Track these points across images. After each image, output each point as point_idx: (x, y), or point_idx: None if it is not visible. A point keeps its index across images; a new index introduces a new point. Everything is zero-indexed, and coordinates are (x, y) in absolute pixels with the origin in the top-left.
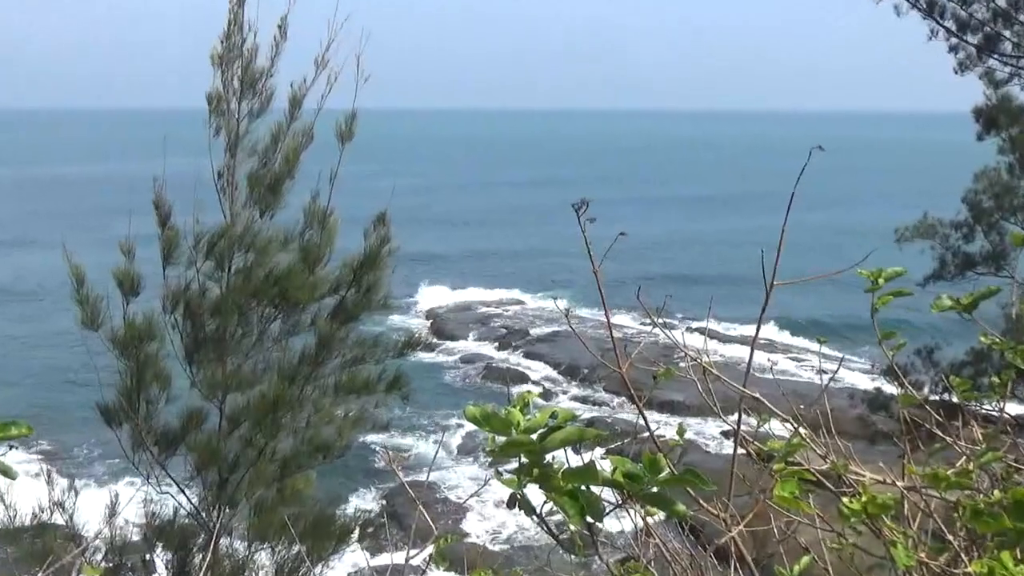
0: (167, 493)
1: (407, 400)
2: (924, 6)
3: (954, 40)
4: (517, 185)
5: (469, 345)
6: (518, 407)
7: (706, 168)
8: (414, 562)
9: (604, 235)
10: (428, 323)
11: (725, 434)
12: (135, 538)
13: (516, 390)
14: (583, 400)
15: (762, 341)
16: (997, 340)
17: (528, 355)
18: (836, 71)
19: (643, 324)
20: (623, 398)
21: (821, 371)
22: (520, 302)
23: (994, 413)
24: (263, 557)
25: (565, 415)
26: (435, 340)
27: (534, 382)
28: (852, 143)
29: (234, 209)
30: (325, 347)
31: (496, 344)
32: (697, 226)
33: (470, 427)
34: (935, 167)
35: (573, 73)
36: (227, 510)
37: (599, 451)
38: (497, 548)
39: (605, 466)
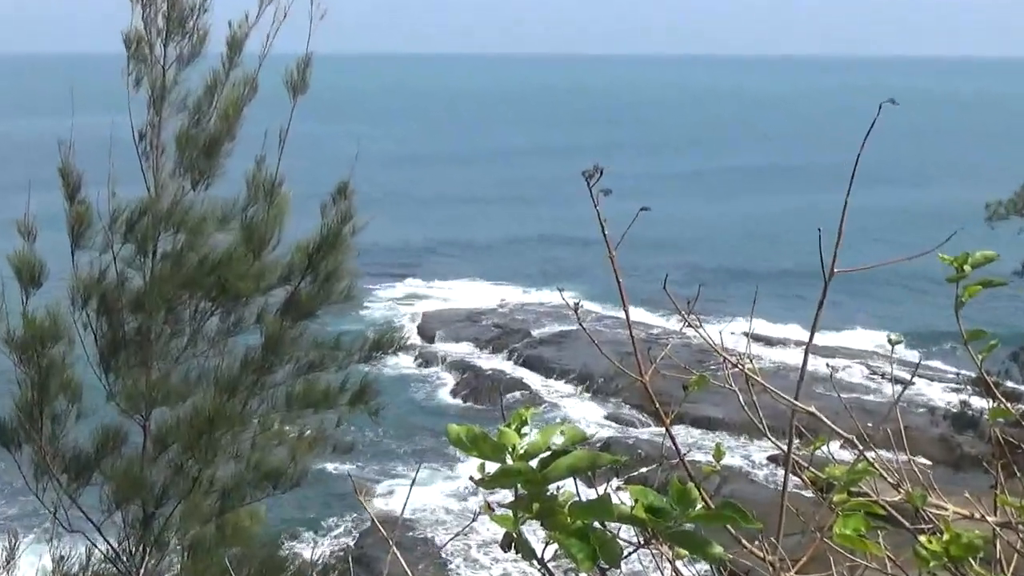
0: (79, 532)
1: (377, 416)
2: None
3: None
4: (512, 152)
5: (456, 348)
6: (514, 426)
7: (748, 131)
8: None
9: (622, 212)
10: (405, 321)
11: (774, 459)
12: None
13: (512, 404)
14: (596, 415)
15: (819, 344)
16: None
17: (528, 361)
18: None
19: (670, 321)
20: (646, 414)
21: (893, 381)
22: (518, 297)
23: None
24: None
25: (573, 435)
26: (413, 342)
27: (535, 394)
28: (930, 96)
29: (160, 179)
30: (274, 350)
31: (489, 347)
32: (737, 205)
33: (456, 452)
34: None
35: (574, 10)
36: (154, 553)
37: (616, 481)
38: None
39: (623, 499)
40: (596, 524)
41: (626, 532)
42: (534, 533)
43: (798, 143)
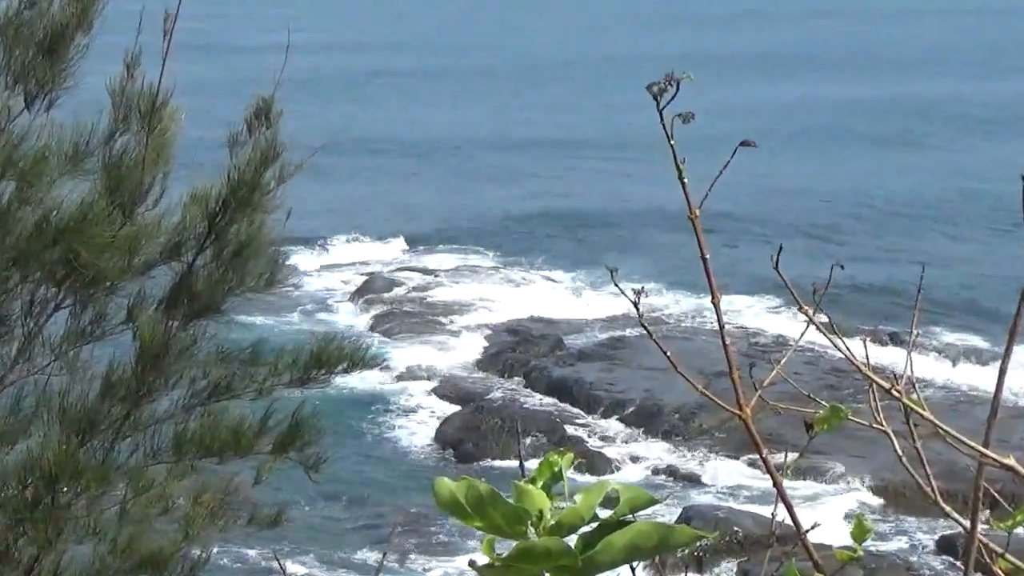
0: None
1: (318, 471)
2: None
3: None
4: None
5: (447, 364)
6: (541, 481)
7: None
8: None
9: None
10: (365, 319)
11: (949, 541)
12: None
13: (535, 450)
14: (668, 472)
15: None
16: None
17: (559, 386)
18: None
19: (783, 320)
20: (748, 465)
21: None
22: (543, 282)
23: None
24: None
25: (634, 499)
26: (379, 351)
27: (570, 438)
28: None
29: None
30: (155, 366)
31: (498, 364)
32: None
33: (449, 523)
34: None
35: None
36: None
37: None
38: None
39: None
40: None
41: None
42: None
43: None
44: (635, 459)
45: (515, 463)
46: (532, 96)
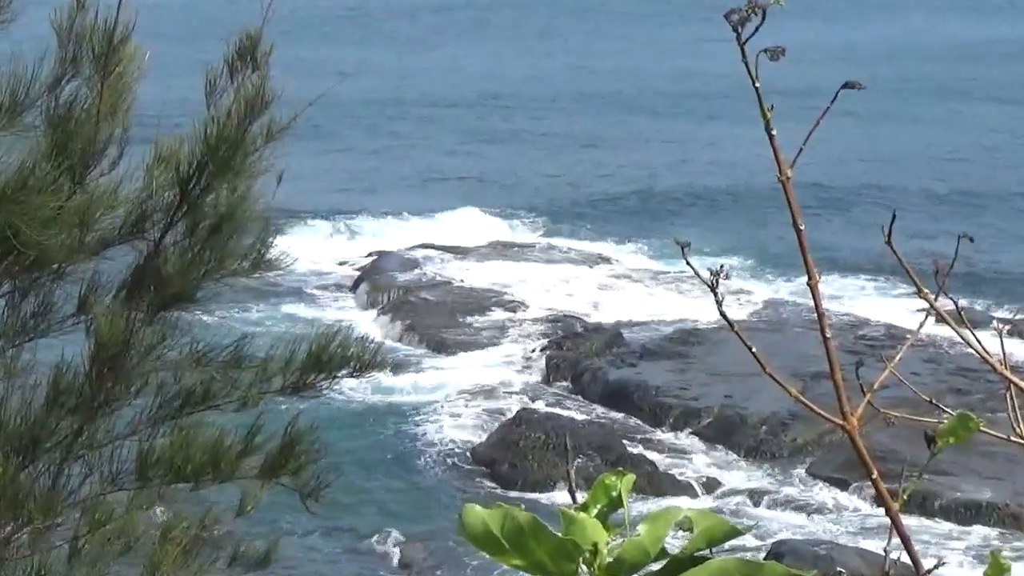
0: None
1: (317, 500)
2: None
3: None
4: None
5: (478, 364)
6: (595, 508)
7: None
8: None
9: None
10: (375, 311)
11: None
12: None
13: (586, 473)
14: (754, 497)
15: None
16: None
17: (616, 390)
18: None
19: (898, 307)
20: (854, 492)
21: None
22: (596, 262)
23: None
24: None
25: (713, 529)
26: (389, 344)
27: (630, 456)
28: None
29: None
30: (113, 368)
31: (542, 363)
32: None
33: (478, 561)
34: None
35: None
36: None
37: None
38: None
39: None
40: None
41: None
42: None
43: None
44: (712, 481)
45: (563, 487)
46: (577, 36)
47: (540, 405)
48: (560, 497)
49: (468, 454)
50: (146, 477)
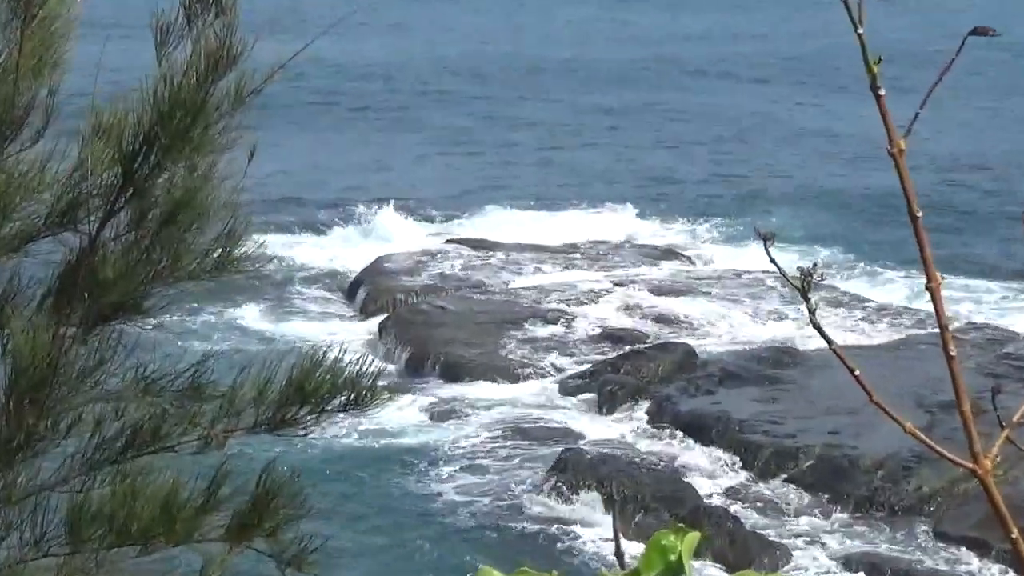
0: None
1: (300, 568)
2: None
3: None
4: None
5: (508, 393)
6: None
7: None
8: None
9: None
10: (376, 324)
11: None
12: None
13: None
14: (867, 565)
15: None
16: None
17: (688, 424)
18: None
19: None
20: (993, 554)
21: None
22: (659, 259)
23: None
24: None
25: None
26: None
27: (704, 509)
28: None
29: None
30: (37, 399)
31: (591, 389)
32: None
33: None
34: None
35: None
36: None
37: None
38: None
39: None
40: None
41: None
42: None
43: None
44: (812, 542)
45: (609, 545)
46: None
47: (587, 441)
48: (605, 557)
49: (496, 509)
50: (80, 539)
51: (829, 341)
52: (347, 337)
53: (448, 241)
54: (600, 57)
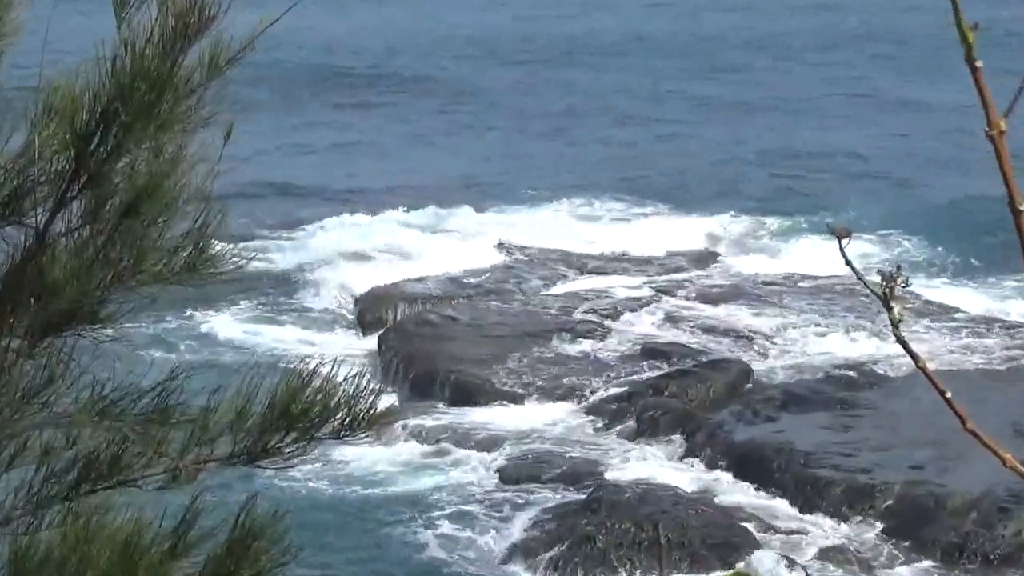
0: None
1: None
2: None
3: None
4: None
5: (530, 418)
6: None
7: None
8: None
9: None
10: (373, 338)
11: None
12: None
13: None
14: None
15: None
16: None
17: (743, 456)
18: None
19: None
20: None
21: None
22: (706, 261)
23: None
24: None
25: None
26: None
27: (768, 560)
28: None
29: None
30: None
31: (629, 415)
32: None
33: None
34: None
35: None
36: None
37: None
38: None
39: None
40: None
41: None
42: None
43: None
44: None
45: None
46: None
47: (626, 476)
48: None
49: (517, 549)
50: None
51: (916, 358)
52: (339, 352)
53: (459, 240)
54: (637, 32)
